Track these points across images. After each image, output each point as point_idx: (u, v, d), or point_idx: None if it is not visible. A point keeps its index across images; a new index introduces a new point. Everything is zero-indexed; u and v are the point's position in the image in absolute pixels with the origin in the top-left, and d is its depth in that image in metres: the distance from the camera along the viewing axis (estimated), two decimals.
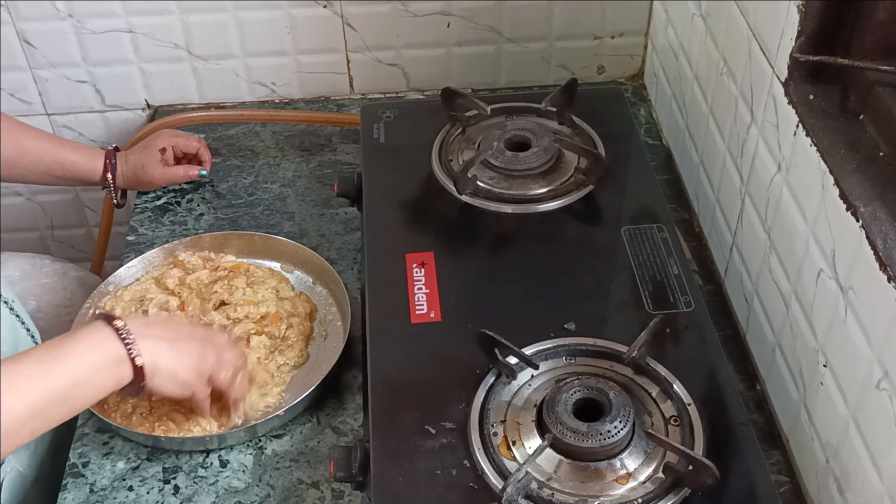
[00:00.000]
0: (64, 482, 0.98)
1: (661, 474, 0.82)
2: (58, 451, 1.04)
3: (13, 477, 1.02)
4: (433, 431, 0.86)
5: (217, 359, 0.95)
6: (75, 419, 1.03)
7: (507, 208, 1.09)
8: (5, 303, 1.02)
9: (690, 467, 0.80)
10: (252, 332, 1.07)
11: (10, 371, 0.80)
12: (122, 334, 0.87)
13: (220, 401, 1.00)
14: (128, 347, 0.87)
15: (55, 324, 1.20)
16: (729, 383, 0.90)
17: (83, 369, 0.85)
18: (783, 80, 0.89)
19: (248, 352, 1.03)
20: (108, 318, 0.88)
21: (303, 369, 1.08)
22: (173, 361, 0.91)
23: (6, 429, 0.79)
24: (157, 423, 0.99)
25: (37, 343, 1.06)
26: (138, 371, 0.87)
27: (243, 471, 0.99)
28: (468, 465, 0.84)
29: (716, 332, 0.95)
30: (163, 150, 1.27)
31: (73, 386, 0.84)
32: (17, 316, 1.04)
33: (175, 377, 0.92)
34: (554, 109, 1.20)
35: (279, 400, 1.03)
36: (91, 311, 1.11)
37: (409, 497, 0.82)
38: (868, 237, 0.74)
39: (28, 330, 1.06)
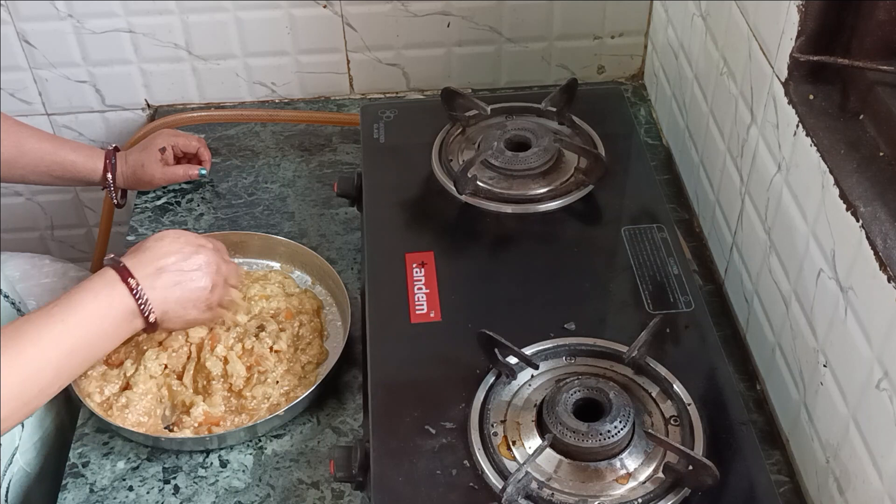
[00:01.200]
0: (64, 482, 0.98)
1: (661, 474, 0.82)
2: (61, 449, 1.04)
3: (20, 477, 1.02)
4: (433, 431, 0.86)
5: (222, 282, 1.00)
6: (76, 419, 1.04)
7: (507, 208, 1.09)
8: (12, 303, 1.03)
9: (690, 467, 0.80)
10: (279, 329, 1.07)
11: (33, 325, 0.86)
12: (134, 293, 0.92)
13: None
14: (139, 304, 0.92)
15: None
16: (729, 383, 0.90)
17: (100, 325, 0.90)
18: (783, 80, 0.89)
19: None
20: (122, 274, 0.92)
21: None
22: (182, 309, 0.96)
23: (37, 372, 0.85)
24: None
25: None
26: (150, 323, 0.94)
27: (243, 471, 0.99)
28: (468, 465, 0.84)
29: (716, 332, 0.95)
30: (162, 150, 1.27)
31: (93, 336, 0.90)
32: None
33: (184, 320, 0.98)
34: (554, 109, 1.20)
35: None
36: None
37: (409, 497, 0.82)
38: (868, 237, 0.74)
39: None
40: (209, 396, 1.01)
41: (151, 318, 0.93)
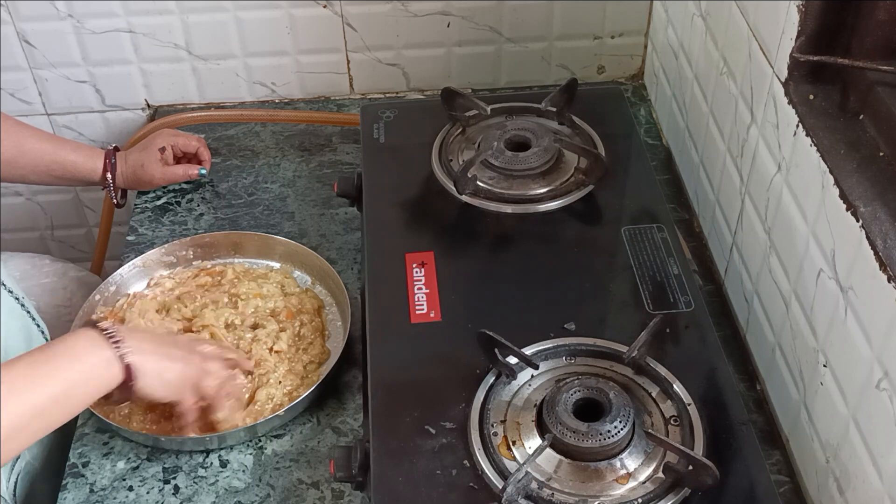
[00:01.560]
0: (64, 482, 0.98)
1: (661, 474, 0.82)
2: (64, 444, 1.04)
3: (27, 471, 1.03)
4: (433, 431, 0.86)
5: (202, 366, 0.96)
6: (74, 423, 1.04)
7: (507, 208, 1.09)
8: (16, 299, 1.03)
9: (690, 467, 0.80)
10: (279, 329, 1.07)
11: (8, 374, 0.81)
12: (108, 335, 0.88)
13: (204, 417, 0.99)
14: (115, 346, 0.88)
15: (55, 324, 1.20)
16: (729, 383, 0.90)
17: (78, 372, 0.86)
18: (783, 80, 0.89)
19: (238, 374, 1.01)
20: (94, 323, 0.90)
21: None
22: (159, 362, 0.92)
23: (10, 429, 0.80)
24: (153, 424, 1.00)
25: (47, 340, 1.07)
26: (127, 371, 0.88)
27: (243, 471, 0.99)
28: (468, 465, 0.84)
29: (716, 332, 0.95)
30: (162, 150, 1.27)
31: (71, 388, 0.85)
32: (28, 312, 1.05)
33: (162, 378, 0.92)
34: (554, 109, 1.20)
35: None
36: (96, 306, 1.12)
37: (409, 497, 0.82)
38: (868, 237, 0.74)
39: (38, 326, 1.06)
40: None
41: (127, 359, 0.88)
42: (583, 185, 1.11)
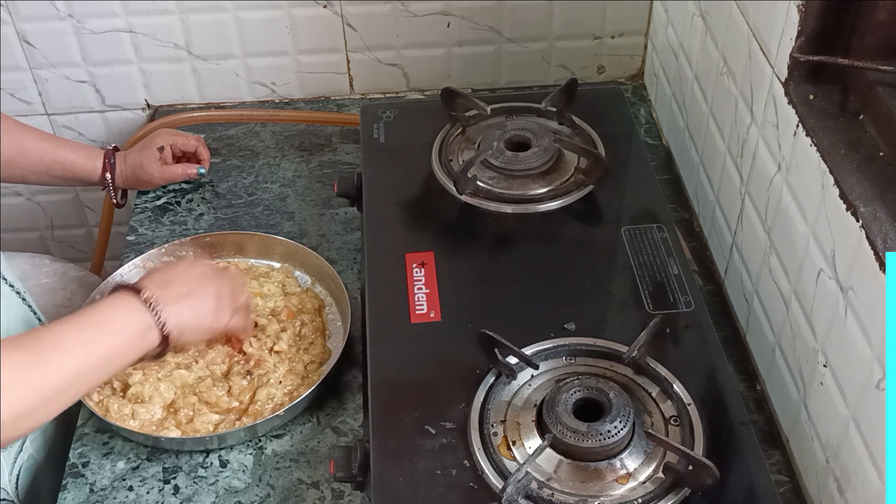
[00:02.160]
0: (64, 482, 0.98)
1: (661, 474, 0.82)
2: (66, 438, 1.05)
3: (30, 464, 1.03)
4: (433, 431, 0.86)
5: (230, 294, 1.01)
6: (75, 419, 1.04)
7: (507, 208, 1.09)
8: (17, 293, 1.03)
9: (690, 467, 0.80)
10: (280, 329, 1.07)
11: (54, 336, 0.86)
12: (149, 304, 0.92)
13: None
14: (156, 316, 0.93)
15: None
16: (729, 383, 0.90)
17: (120, 339, 0.91)
18: (783, 80, 0.89)
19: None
20: (134, 290, 0.93)
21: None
22: (195, 318, 0.97)
23: (53, 391, 0.85)
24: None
25: None
26: (164, 337, 0.94)
27: (243, 471, 0.99)
28: (468, 465, 0.84)
29: (716, 332, 0.96)
30: (161, 149, 1.27)
31: (112, 354, 0.90)
32: (30, 306, 1.05)
33: (198, 330, 0.99)
34: (554, 109, 1.20)
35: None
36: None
37: (409, 497, 0.82)
38: (868, 237, 0.74)
39: (40, 321, 1.07)
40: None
41: (166, 330, 0.93)
42: (583, 185, 1.11)
